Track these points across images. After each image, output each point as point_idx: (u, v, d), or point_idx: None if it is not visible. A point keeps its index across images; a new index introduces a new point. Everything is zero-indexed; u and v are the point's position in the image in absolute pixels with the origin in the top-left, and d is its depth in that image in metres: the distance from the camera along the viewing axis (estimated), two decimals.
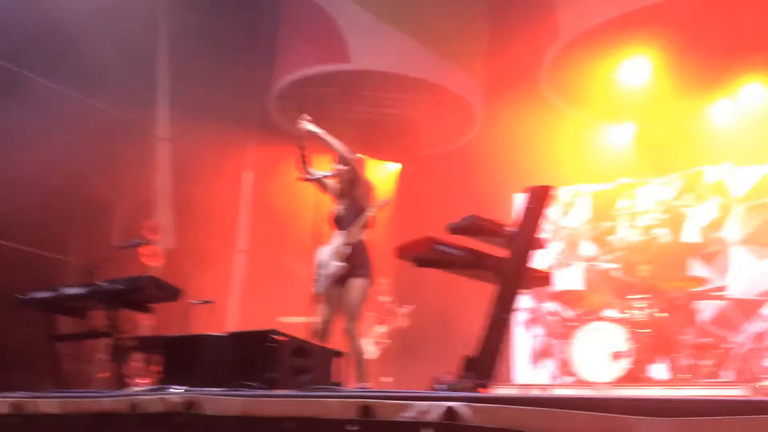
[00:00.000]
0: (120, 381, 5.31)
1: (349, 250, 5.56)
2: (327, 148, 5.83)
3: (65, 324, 8.97)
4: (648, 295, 8.41)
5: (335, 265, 5.53)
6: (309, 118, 5.83)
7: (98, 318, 5.57)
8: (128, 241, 7.80)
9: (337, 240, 5.66)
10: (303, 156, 5.76)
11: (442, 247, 4.16)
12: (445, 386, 3.61)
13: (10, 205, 9.44)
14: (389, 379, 9.03)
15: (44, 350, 6.54)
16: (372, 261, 5.66)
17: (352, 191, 5.81)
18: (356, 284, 5.54)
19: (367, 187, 5.78)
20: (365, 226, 5.68)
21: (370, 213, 5.64)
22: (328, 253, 5.62)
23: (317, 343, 4.99)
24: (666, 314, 8.34)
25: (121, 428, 3.40)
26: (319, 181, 5.85)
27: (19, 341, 9.82)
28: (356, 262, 5.58)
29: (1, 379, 9.37)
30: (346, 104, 11.32)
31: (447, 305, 9.74)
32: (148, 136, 11.34)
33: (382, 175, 12.17)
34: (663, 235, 9.68)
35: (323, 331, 5.53)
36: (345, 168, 5.78)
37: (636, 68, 9.83)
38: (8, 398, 4.01)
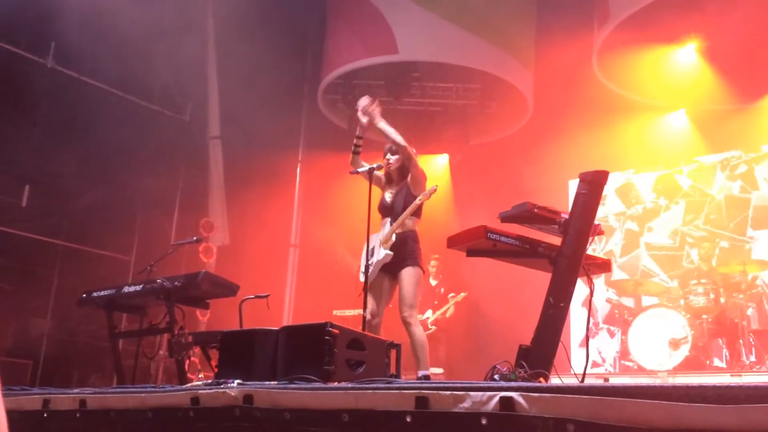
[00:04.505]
0: (179, 376, 5.41)
1: (395, 238, 5.53)
2: (382, 134, 5.75)
3: (127, 321, 9.27)
4: (707, 280, 8.18)
5: (383, 253, 5.49)
6: (368, 100, 5.71)
7: (157, 315, 5.68)
8: (185, 238, 7.95)
9: (385, 228, 5.64)
10: (357, 146, 5.73)
11: (495, 236, 4.10)
12: (501, 376, 3.57)
13: (77, 207, 9.73)
14: (439, 370, 8.98)
15: (107, 347, 6.71)
16: (421, 250, 5.61)
17: (401, 179, 5.78)
18: (408, 273, 5.49)
19: (419, 175, 5.71)
20: (415, 214, 5.64)
21: (418, 201, 5.58)
22: (377, 241, 5.58)
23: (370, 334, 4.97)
24: (726, 299, 8.12)
25: (182, 422, 3.46)
26: (369, 173, 5.73)
27: (85, 339, 10.15)
28: (406, 251, 5.52)
29: (68, 375, 9.72)
30: (395, 96, 11.31)
31: (502, 295, 9.66)
32: (201, 136, 11.55)
33: (432, 166, 12.12)
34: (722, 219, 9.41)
35: (373, 322, 5.51)
36: (394, 157, 5.74)
37: (689, 51, 9.59)
38: (74, 394, 4.12)
